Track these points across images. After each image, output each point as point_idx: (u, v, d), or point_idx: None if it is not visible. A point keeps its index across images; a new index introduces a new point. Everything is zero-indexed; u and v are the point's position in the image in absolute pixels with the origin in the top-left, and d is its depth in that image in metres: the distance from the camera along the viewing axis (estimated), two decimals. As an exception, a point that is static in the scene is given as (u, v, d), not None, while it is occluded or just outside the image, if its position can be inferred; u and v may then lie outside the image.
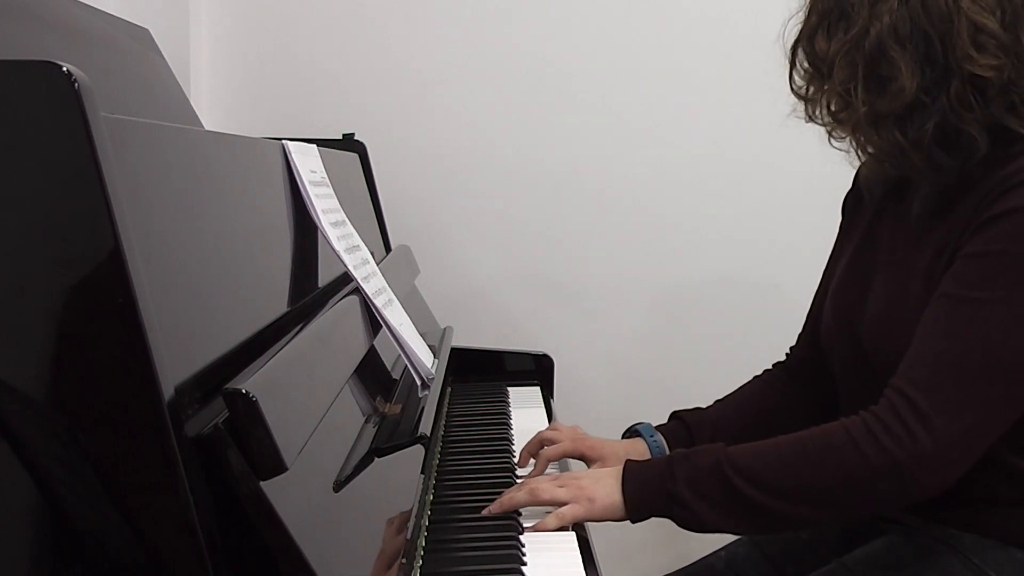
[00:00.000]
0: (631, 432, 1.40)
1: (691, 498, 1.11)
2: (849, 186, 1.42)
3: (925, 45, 1.11)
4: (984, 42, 1.10)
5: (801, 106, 1.23)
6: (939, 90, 1.11)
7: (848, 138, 1.22)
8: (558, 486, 1.16)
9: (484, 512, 1.15)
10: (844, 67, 1.14)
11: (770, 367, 1.49)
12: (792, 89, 1.23)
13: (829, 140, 1.24)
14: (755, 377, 1.49)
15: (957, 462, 1.09)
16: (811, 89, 1.21)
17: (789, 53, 1.22)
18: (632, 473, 1.16)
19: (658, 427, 1.39)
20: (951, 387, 1.08)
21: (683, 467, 1.13)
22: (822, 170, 1.35)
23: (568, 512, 1.13)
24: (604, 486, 1.15)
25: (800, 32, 1.20)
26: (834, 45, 1.15)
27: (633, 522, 1.16)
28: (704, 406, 1.44)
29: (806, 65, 1.21)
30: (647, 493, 1.14)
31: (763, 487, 1.10)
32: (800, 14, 1.21)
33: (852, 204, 1.40)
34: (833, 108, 1.18)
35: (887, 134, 1.14)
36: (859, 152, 1.24)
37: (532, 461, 1.36)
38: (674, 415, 1.43)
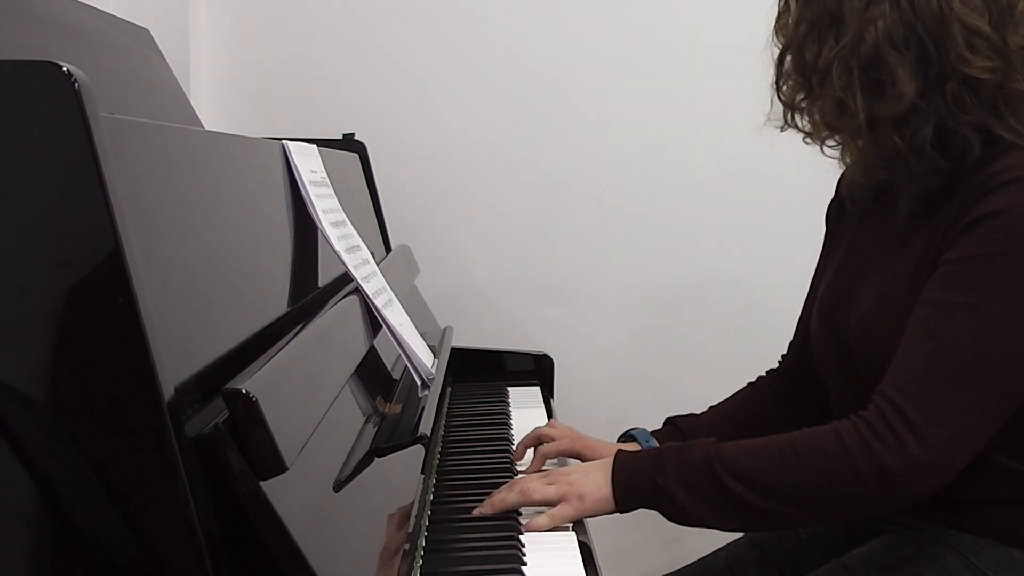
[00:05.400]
0: (627, 437, 1.40)
1: (679, 492, 1.12)
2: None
3: (920, 48, 1.10)
4: (977, 44, 1.10)
5: (775, 115, 1.22)
6: (935, 93, 1.11)
7: (838, 144, 1.21)
8: (548, 484, 1.16)
9: (475, 512, 1.16)
10: (840, 74, 1.13)
11: (763, 374, 1.50)
12: (780, 98, 1.22)
13: (812, 144, 1.23)
14: (748, 384, 1.50)
15: (947, 467, 1.09)
16: (799, 97, 1.20)
17: (775, 62, 1.21)
18: (622, 464, 1.16)
19: (653, 432, 1.39)
20: (938, 393, 1.08)
21: (673, 461, 1.14)
22: (816, 174, 1.35)
23: (558, 512, 1.14)
24: (594, 480, 1.16)
25: (788, 40, 1.19)
26: (826, 52, 1.14)
27: (622, 512, 1.16)
28: (698, 412, 1.45)
29: (794, 74, 1.20)
30: (636, 485, 1.14)
31: (751, 485, 1.11)
32: (781, 23, 1.20)
33: (835, 212, 1.40)
34: (828, 115, 1.17)
35: (886, 139, 1.14)
36: (844, 159, 1.24)
37: (529, 454, 1.37)
38: (668, 421, 1.44)
